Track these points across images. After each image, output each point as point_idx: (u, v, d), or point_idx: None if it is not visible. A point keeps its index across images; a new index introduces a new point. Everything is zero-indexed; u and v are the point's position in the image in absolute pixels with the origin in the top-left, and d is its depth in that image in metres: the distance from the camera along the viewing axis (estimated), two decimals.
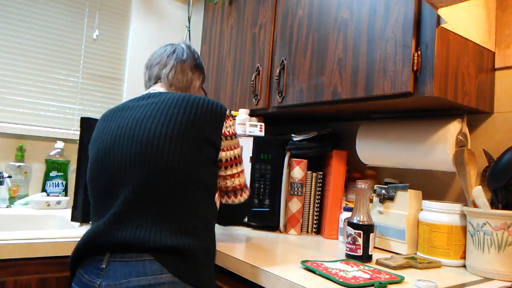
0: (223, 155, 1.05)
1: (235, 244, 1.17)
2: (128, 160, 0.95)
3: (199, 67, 1.27)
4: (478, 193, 1.02)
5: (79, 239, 1.15)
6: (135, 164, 0.94)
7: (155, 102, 1.04)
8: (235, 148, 1.09)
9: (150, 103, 1.04)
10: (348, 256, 1.08)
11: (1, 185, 1.62)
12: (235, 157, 1.09)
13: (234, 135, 1.09)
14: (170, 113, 1.00)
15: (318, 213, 1.48)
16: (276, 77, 1.50)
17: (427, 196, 1.36)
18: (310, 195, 1.48)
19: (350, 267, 0.96)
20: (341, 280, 0.84)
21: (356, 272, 0.92)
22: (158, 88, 1.17)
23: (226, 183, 1.08)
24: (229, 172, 1.07)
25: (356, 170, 1.58)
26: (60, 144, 1.82)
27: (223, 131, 1.05)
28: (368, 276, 0.89)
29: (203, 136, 1.00)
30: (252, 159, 1.48)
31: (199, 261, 0.91)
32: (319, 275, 0.90)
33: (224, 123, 1.06)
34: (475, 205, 1.06)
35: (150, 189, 0.92)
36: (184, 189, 0.94)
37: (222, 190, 1.09)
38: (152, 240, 0.88)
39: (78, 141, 1.36)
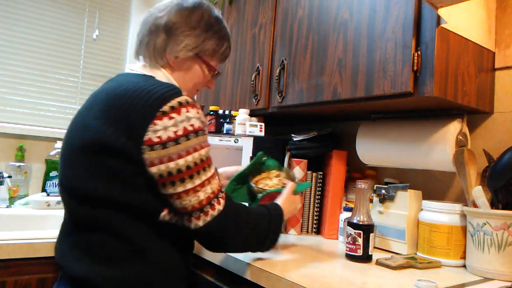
0: (154, 170, 0.78)
1: None
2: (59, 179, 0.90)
3: (181, 25, 0.92)
4: (478, 193, 1.02)
5: None
6: (60, 182, 0.88)
7: (91, 97, 0.91)
8: (178, 157, 0.78)
9: (89, 99, 0.91)
10: (348, 256, 1.08)
11: (1, 185, 1.62)
12: (179, 171, 0.78)
13: (174, 140, 0.78)
14: (87, 115, 0.85)
15: (318, 213, 1.48)
16: (276, 77, 1.50)
17: (427, 196, 1.36)
18: (310, 195, 1.48)
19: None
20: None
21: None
22: (130, 68, 0.97)
23: (176, 203, 0.82)
24: (171, 191, 0.80)
25: (356, 170, 1.58)
26: (60, 144, 1.82)
27: (145, 138, 0.77)
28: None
29: (110, 145, 0.79)
30: (252, 159, 1.48)
31: None
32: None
33: (151, 125, 0.77)
34: (475, 205, 1.06)
35: (69, 209, 0.85)
36: (95, 210, 0.80)
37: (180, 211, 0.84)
38: (71, 268, 0.81)
39: None
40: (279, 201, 1.03)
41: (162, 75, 0.94)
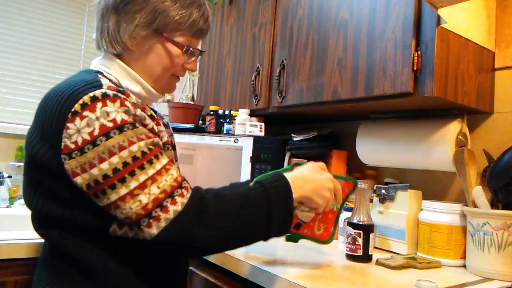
0: (79, 181, 0.68)
1: None
2: None
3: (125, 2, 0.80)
4: (478, 193, 1.02)
5: None
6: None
7: None
8: (100, 161, 0.67)
9: None
10: (348, 256, 1.08)
11: (1, 185, 1.62)
12: (105, 176, 0.67)
13: (91, 142, 0.68)
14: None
15: None
16: (276, 77, 1.50)
17: (427, 196, 1.36)
18: None
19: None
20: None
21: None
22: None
23: (118, 215, 0.70)
24: (106, 201, 0.69)
25: (356, 170, 1.58)
26: None
27: (62, 146, 0.68)
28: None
29: (33, 156, 0.73)
30: (252, 159, 1.48)
31: None
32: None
33: (64, 130, 0.68)
34: (475, 205, 1.06)
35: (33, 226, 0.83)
36: (42, 229, 0.78)
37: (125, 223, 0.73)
38: (33, 286, 0.80)
39: None
40: (289, 175, 0.83)
41: (116, 66, 0.83)
